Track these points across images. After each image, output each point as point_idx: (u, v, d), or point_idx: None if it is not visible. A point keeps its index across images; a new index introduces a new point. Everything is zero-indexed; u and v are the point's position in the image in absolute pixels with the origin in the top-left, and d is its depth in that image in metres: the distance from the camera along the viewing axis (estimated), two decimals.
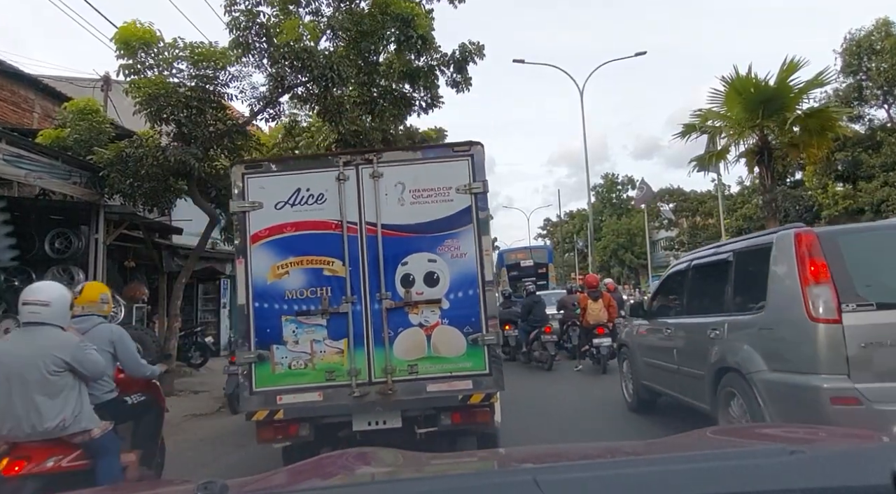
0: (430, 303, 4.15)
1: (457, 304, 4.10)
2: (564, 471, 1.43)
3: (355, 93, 12.49)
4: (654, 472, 1.33)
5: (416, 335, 4.01)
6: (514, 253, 21.69)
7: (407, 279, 4.09)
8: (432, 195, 3.96)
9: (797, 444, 1.72)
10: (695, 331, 5.33)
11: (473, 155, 4.37)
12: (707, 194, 46.57)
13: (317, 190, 4.35)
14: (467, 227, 3.89)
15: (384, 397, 4.01)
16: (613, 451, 2.06)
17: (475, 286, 3.70)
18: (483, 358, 3.58)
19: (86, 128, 10.94)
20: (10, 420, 3.19)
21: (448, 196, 4.28)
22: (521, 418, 6.34)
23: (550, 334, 11.14)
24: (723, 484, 1.15)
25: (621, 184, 60.41)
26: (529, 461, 2.00)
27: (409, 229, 4.00)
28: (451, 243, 3.89)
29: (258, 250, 3.83)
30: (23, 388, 3.14)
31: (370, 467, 2.01)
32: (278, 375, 3.94)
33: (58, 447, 3.37)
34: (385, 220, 4.18)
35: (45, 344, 3.21)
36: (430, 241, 4.13)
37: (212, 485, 1.35)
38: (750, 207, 33.81)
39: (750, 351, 4.38)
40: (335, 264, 3.83)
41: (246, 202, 3.84)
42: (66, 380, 3.29)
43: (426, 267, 3.97)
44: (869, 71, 22.00)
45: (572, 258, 59.88)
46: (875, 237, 4.44)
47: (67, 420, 3.26)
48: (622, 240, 53.25)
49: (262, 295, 3.96)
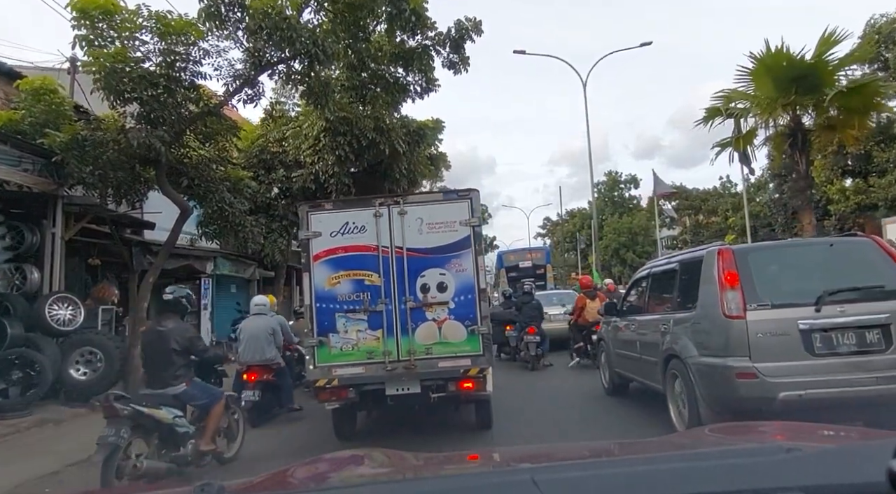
0: (440, 304, 6.44)
1: (460, 305, 6.44)
2: (562, 470, 1.44)
3: (344, 76, 12.34)
4: (651, 471, 1.34)
5: (431, 327, 6.42)
6: (513, 255, 23.86)
7: (424, 287, 6.46)
8: (442, 227, 6.31)
9: (793, 442, 1.75)
10: (651, 327, 6.86)
11: (472, 198, 6.57)
12: (709, 192, 49.28)
13: (360, 223, 6.50)
14: (467, 250, 6.27)
15: (408, 370, 6.35)
16: (611, 450, 2.13)
17: (473, 292, 6.13)
18: (478, 343, 6.03)
19: (42, 110, 10.14)
20: (248, 354, 7.98)
21: (454, 228, 6.50)
22: (513, 407, 8.26)
23: (534, 335, 12.25)
24: (720, 482, 1.16)
25: (624, 182, 64.85)
26: (527, 460, 2.02)
27: (425, 251, 6.32)
28: (456, 261, 6.30)
29: (318, 266, 6.06)
30: (255, 341, 8.13)
31: (366, 468, 2.02)
32: (333, 354, 6.16)
33: (266, 369, 8.19)
34: (408, 245, 6.49)
35: (266, 323, 8.28)
36: (440, 260, 6.46)
37: (208, 487, 1.35)
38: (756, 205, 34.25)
39: (686, 341, 5.74)
40: (373, 276, 6.12)
41: (309, 232, 5.97)
42: (272, 339, 8.16)
43: (438, 279, 6.32)
44: (887, 61, 22.29)
45: (573, 257, 64.35)
46: (775, 253, 5.94)
47: (272, 357, 8.03)
48: (623, 238, 56.57)
49: (321, 298, 6.17)
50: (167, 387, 5.51)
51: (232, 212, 11.43)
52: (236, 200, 11.70)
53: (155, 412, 5.18)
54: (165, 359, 5.52)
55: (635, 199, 63.81)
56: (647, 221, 56.47)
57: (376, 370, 6.28)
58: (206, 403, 5.69)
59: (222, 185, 11.57)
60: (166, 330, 5.62)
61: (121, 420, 4.95)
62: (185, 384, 5.60)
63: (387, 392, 6.25)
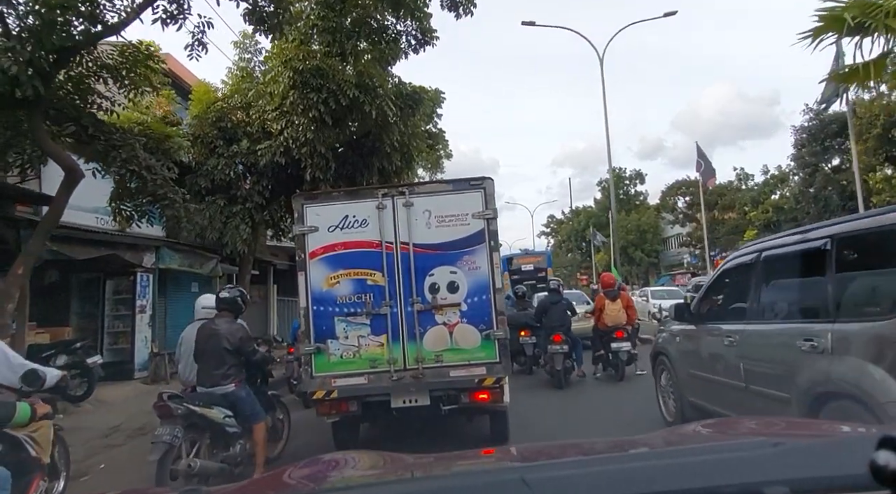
0: (451, 306, 6.72)
1: (473, 307, 6.76)
2: (552, 469, 1.59)
3: (317, 14, 11.45)
4: (640, 467, 1.51)
5: (441, 331, 6.60)
6: (516, 259, 26.82)
7: (433, 287, 6.47)
8: (453, 220, 6.27)
9: (780, 437, 2.02)
10: (774, 342, 5.20)
11: (486, 187, 6.72)
12: (726, 186, 52.12)
13: (361, 216, 6.64)
14: (481, 246, 6.19)
15: (416, 380, 6.71)
16: (600, 447, 2.33)
17: (488, 292, 6.11)
18: (494, 349, 5.99)
19: None
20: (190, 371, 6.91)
21: (466, 221, 6.67)
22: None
23: (560, 343, 11.38)
24: (707, 477, 1.31)
25: (629, 178, 70.87)
26: (517, 459, 2.22)
27: (434, 247, 6.25)
28: (468, 258, 6.26)
29: (315, 264, 5.97)
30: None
31: (355, 470, 2.22)
32: (332, 363, 6.13)
33: None
34: (415, 240, 6.81)
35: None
36: (451, 257, 6.46)
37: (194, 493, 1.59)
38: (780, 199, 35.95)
39: (872, 370, 3.96)
40: (376, 275, 6.04)
41: (305, 226, 5.84)
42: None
43: (449, 278, 6.31)
44: None
45: (576, 257, 72.03)
46: None
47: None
48: (632, 236, 60.60)
49: (318, 300, 6.09)
50: (217, 386, 6.15)
51: (153, 181, 9.59)
52: (158, 164, 9.91)
53: (207, 411, 5.81)
54: (218, 358, 6.20)
55: (642, 195, 71.28)
56: (656, 218, 62.86)
57: (380, 380, 6.73)
58: (249, 415, 6.29)
59: (135, 141, 9.73)
60: (220, 328, 6.30)
61: (175, 419, 5.47)
62: (235, 384, 6.24)
63: (392, 404, 6.42)
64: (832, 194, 30.62)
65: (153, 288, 15.19)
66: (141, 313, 14.61)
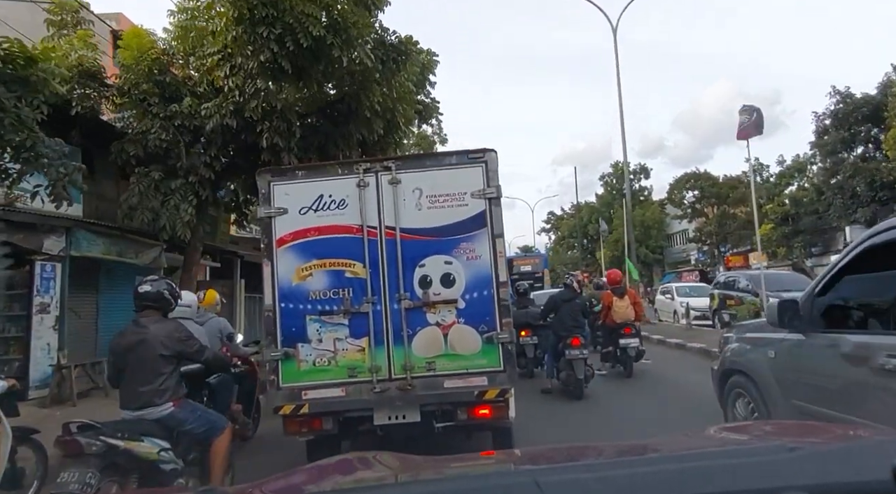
0: (446, 303, 5.96)
1: (472, 304, 5.96)
2: (565, 472, 1.68)
3: None
4: (654, 471, 1.58)
5: (434, 333, 6.04)
6: (514, 261, 29.03)
7: (425, 280, 6.04)
8: (448, 200, 6.23)
9: (797, 441, 2.08)
10: None
11: (487, 161, 6.08)
12: (738, 179, 53.48)
13: (339, 196, 5.98)
14: (482, 231, 6.15)
15: (403, 392, 6.00)
16: (614, 451, 2.41)
17: (490, 286, 5.70)
18: (497, 356, 5.41)
19: None
20: None
21: (463, 201, 6.01)
22: None
23: (579, 348, 10.51)
24: (723, 482, 1.36)
25: (634, 173, 73.69)
26: (529, 462, 2.34)
27: (426, 232, 6.14)
28: (466, 246, 6.15)
29: (284, 253, 6.06)
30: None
31: (369, 471, 2.31)
32: (303, 371, 5.99)
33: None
34: (403, 224, 6.09)
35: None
36: (446, 244, 6.04)
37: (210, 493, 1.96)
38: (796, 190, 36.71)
39: None
40: (356, 266, 6.42)
41: (272, 208, 5.29)
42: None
43: (443, 269, 6.05)
44: None
45: (576, 255, 74.91)
46: None
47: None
48: (636, 232, 66.75)
49: (287, 296, 6.06)
50: (149, 407, 5.02)
51: (11, 124, 7.56)
52: (12, 96, 7.57)
53: (134, 446, 4.61)
54: (148, 370, 5.10)
55: (646, 191, 75.14)
56: (661, 214, 66.30)
57: (361, 392, 6.17)
58: (202, 433, 5.26)
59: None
60: (148, 330, 5.19)
61: (87, 459, 4.30)
62: (174, 404, 5.16)
63: (375, 421, 6.11)
64: (860, 183, 29.36)
65: (61, 281, 12.59)
66: (42, 313, 12.09)
